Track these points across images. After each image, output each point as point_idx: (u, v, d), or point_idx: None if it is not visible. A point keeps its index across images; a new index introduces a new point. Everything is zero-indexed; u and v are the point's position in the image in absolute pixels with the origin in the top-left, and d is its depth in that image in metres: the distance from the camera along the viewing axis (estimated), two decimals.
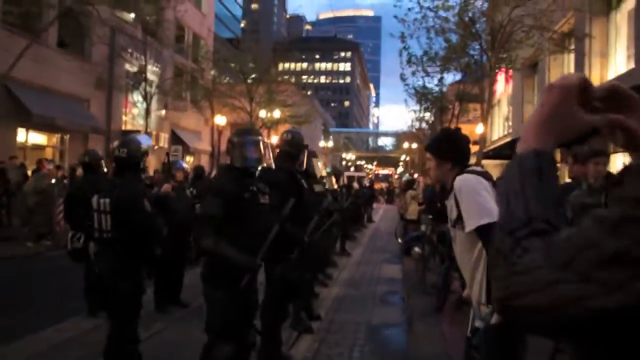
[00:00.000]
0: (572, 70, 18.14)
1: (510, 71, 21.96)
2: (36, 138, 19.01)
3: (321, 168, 6.79)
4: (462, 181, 2.56)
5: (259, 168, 3.63)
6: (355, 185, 16.32)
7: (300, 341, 5.61)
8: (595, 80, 16.08)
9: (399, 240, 14.38)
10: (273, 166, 4.34)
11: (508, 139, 22.54)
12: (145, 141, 4.43)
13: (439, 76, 19.34)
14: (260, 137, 3.70)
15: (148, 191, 4.78)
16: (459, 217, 2.54)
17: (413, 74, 19.34)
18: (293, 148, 4.82)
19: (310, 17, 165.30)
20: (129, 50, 20.24)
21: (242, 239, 3.34)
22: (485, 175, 2.60)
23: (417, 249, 8.80)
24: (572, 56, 18.00)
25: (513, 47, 15.31)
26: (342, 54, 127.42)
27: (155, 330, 5.69)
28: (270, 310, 4.41)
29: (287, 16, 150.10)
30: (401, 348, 5.65)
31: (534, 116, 0.89)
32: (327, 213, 6.28)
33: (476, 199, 2.45)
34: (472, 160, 19.56)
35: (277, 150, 4.89)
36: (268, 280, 4.47)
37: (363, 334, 5.97)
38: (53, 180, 11.67)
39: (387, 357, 5.31)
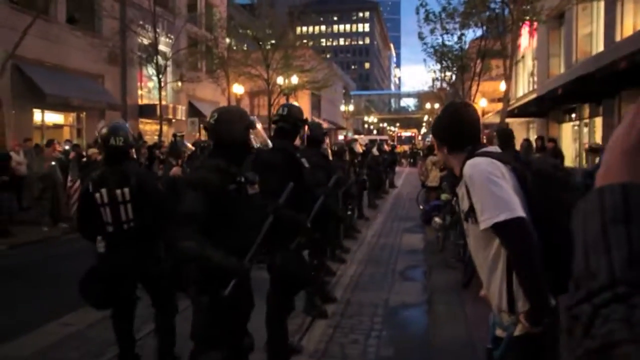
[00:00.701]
0: (602, 20, 17.11)
1: (535, 24, 20.94)
2: (53, 118, 18.93)
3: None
4: (473, 167, 2.12)
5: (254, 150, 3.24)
6: (375, 151, 15.80)
7: (314, 327, 5.32)
8: (628, 29, 15.12)
9: (421, 207, 13.98)
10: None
11: (533, 95, 21.63)
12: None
13: (458, 33, 18.55)
14: (251, 117, 3.26)
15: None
16: (472, 210, 2.12)
17: (432, 32, 18.60)
18: (290, 124, 4.36)
19: None
20: (140, 23, 19.78)
21: (230, 238, 2.97)
22: (502, 158, 2.15)
23: (437, 219, 8.35)
24: (602, 4, 16.96)
25: None
26: (361, 15, 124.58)
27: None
28: (273, 303, 4.10)
29: None
30: (420, 332, 5.31)
31: (621, 140, 0.74)
32: (335, 191, 5.92)
33: (491, 189, 2.02)
34: (496, 119, 18.74)
35: (274, 127, 4.45)
36: (270, 271, 4.14)
37: (380, 317, 5.65)
38: (53, 162, 11.31)
39: (405, 345, 4.98)
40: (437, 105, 43.49)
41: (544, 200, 2.06)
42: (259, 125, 3.31)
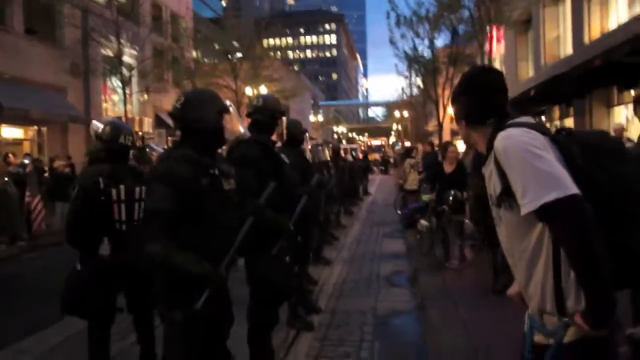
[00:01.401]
0: (569, 23, 17.25)
1: (502, 30, 21.06)
2: (11, 132, 18.07)
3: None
4: (507, 139, 1.74)
5: (228, 141, 2.82)
6: (349, 157, 15.50)
7: (299, 341, 4.89)
8: (596, 31, 15.23)
9: (399, 212, 13.68)
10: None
11: None
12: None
13: (429, 37, 18.45)
14: (225, 100, 2.82)
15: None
16: (506, 192, 1.75)
17: (403, 36, 18.47)
18: (266, 116, 3.88)
19: None
20: (103, 33, 19.11)
21: (203, 241, 2.52)
22: (539, 128, 1.78)
23: (423, 222, 8.06)
24: (568, 7, 17.11)
25: (506, 1, 14.40)
26: (327, 27, 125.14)
27: None
28: (254, 317, 3.65)
29: None
30: (415, 341, 4.92)
31: None
32: (318, 191, 5.50)
33: (534, 164, 1.64)
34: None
35: (248, 120, 3.99)
36: (249, 281, 3.69)
37: (371, 327, 5.25)
38: (6, 179, 10.59)
39: (400, 355, 4.59)
40: (406, 114, 43.69)
41: (595, 176, 1.69)
42: (232, 110, 2.87)
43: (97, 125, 3.98)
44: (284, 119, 4.11)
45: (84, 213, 3.55)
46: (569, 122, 17.57)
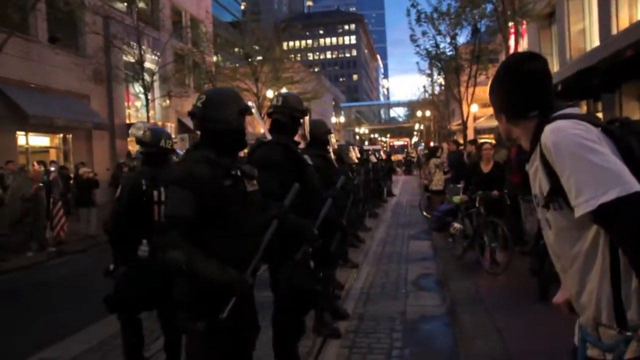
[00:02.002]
0: (595, 14, 16.77)
1: (524, 25, 20.61)
2: (37, 140, 18.31)
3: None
4: (557, 132, 1.55)
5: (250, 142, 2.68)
6: (372, 158, 15.29)
7: (327, 349, 4.74)
8: (624, 21, 14.77)
9: (425, 214, 13.44)
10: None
11: None
12: None
13: (451, 33, 18.11)
14: (251, 102, 2.68)
15: None
16: (555, 192, 1.56)
17: (424, 34, 18.17)
18: (286, 115, 3.69)
19: None
20: (124, 40, 19.24)
21: (227, 245, 2.39)
22: (591, 120, 1.60)
23: (457, 225, 7.70)
24: None
25: None
26: (346, 27, 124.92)
27: None
28: (280, 325, 3.51)
29: None
30: (447, 348, 4.73)
31: None
32: (343, 194, 5.31)
33: (589, 159, 1.45)
34: (489, 123, 18.36)
35: (269, 121, 3.81)
36: (273, 288, 3.54)
37: (400, 333, 5.07)
38: (40, 184, 10.66)
39: None
40: (428, 113, 43.25)
41: None
42: (254, 111, 2.73)
43: (138, 128, 4.06)
44: (307, 118, 3.91)
45: (126, 213, 3.72)
46: (598, 117, 17.09)
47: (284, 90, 25.77)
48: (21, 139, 17.19)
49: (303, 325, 3.64)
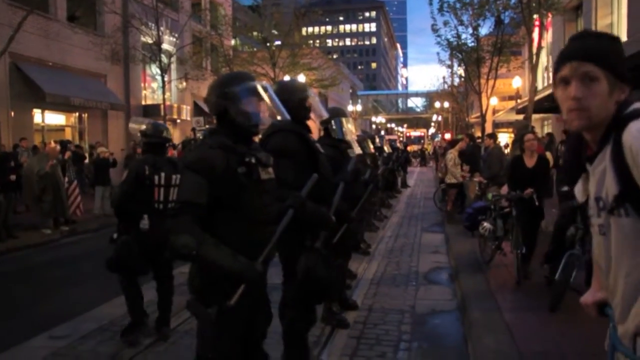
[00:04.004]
0: (624, 8, 16.37)
1: (549, 18, 20.20)
2: (53, 118, 18.43)
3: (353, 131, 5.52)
4: None
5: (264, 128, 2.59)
6: (387, 148, 15.14)
7: (335, 338, 4.69)
8: None
9: (438, 206, 13.31)
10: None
11: (549, 91, 20.88)
12: None
13: (473, 24, 17.80)
14: (259, 83, 2.56)
15: None
16: (626, 197, 1.41)
17: (445, 24, 17.87)
18: (293, 102, 3.43)
19: None
20: (143, 20, 19.19)
21: (239, 232, 2.35)
22: None
23: (486, 224, 6.87)
24: None
25: None
26: (367, 14, 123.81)
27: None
28: (292, 315, 3.44)
29: None
30: (456, 343, 4.65)
31: None
32: (357, 182, 5.18)
33: None
34: (509, 117, 18.01)
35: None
36: (287, 277, 3.47)
37: (408, 326, 5.01)
38: (54, 161, 10.69)
39: (439, 358, 4.34)
40: (446, 104, 42.81)
41: None
42: (266, 96, 2.61)
43: (136, 122, 4.98)
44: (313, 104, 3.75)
45: (132, 192, 4.43)
46: None
47: (301, 76, 25.63)
48: (37, 116, 17.32)
49: (314, 315, 3.57)
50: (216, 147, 2.37)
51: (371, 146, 8.80)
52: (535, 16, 13.94)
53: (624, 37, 16.29)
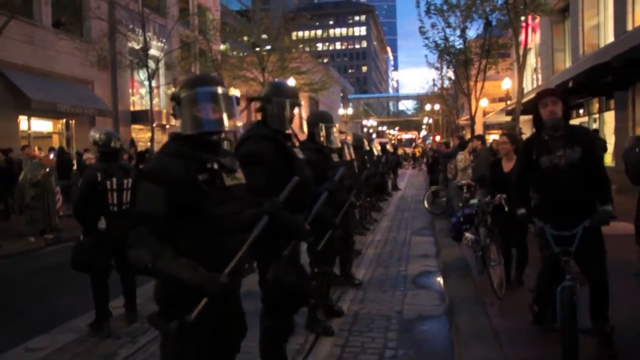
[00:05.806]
0: (610, 9, 16.41)
1: (537, 19, 20.25)
2: (40, 125, 18.24)
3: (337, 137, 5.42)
4: None
5: (226, 135, 2.49)
6: (376, 151, 15.07)
7: (319, 346, 4.58)
8: None
9: (428, 209, 13.21)
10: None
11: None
12: None
13: (461, 26, 17.77)
14: (221, 88, 2.42)
15: None
16: None
17: (433, 26, 17.86)
18: (272, 104, 3.46)
19: None
20: (130, 26, 19.01)
21: (203, 244, 2.23)
22: None
23: (469, 235, 6.30)
24: None
25: None
26: (357, 18, 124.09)
27: None
28: (268, 325, 3.33)
29: None
30: (443, 350, 4.55)
31: None
32: (342, 188, 5.08)
33: None
34: (498, 118, 18.06)
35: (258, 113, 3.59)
36: (261, 285, 3.36)
37: (395, 332, 4.90)
38: (47, 169, 10.58)
39: None
40: (437, 107, 42.84)
41: None
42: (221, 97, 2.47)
43: (96, 131, 5.21)
44: (297, 110, 3.68)
45: (87, 197, 4.99)
46: (610, 116, 16.78)
47: (290, 80, 25.51)
48: (23, 123, 17.11)
49: (292, 324, 3.46)
50: (174, 154, 2.26)
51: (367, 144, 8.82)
52: (522, 18, 13.95)
53: (610, 38, 16.33)
